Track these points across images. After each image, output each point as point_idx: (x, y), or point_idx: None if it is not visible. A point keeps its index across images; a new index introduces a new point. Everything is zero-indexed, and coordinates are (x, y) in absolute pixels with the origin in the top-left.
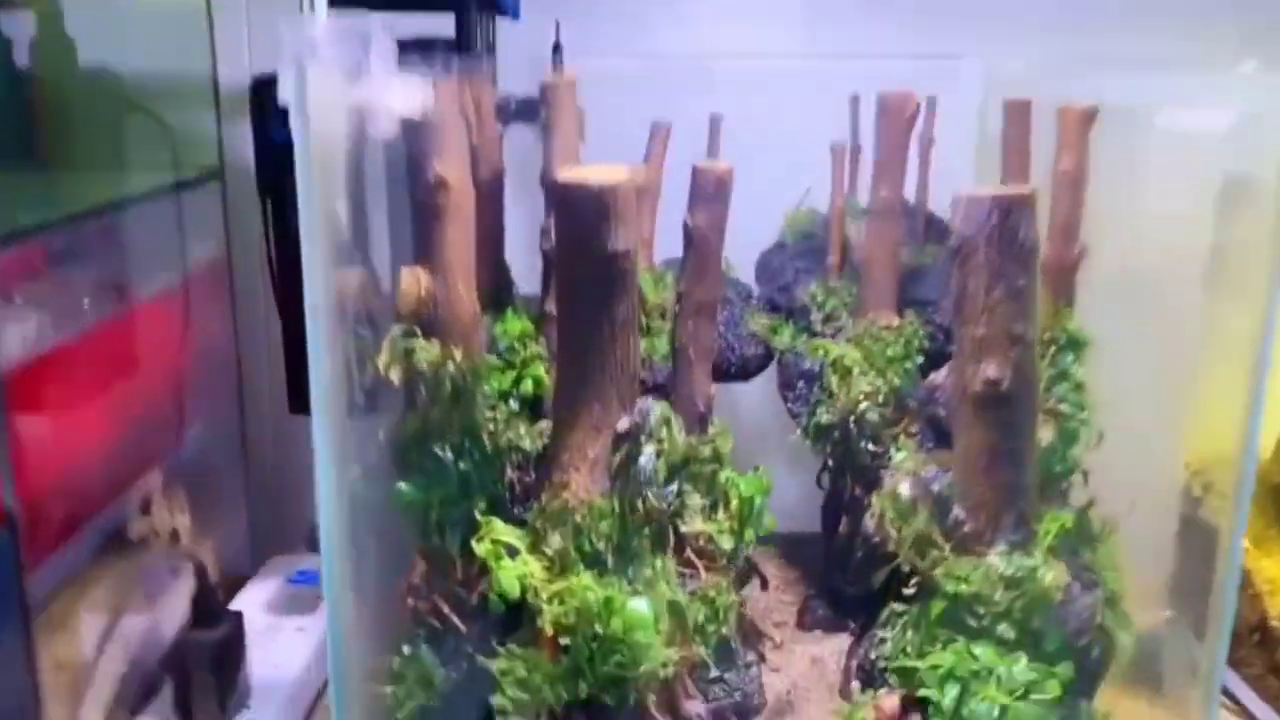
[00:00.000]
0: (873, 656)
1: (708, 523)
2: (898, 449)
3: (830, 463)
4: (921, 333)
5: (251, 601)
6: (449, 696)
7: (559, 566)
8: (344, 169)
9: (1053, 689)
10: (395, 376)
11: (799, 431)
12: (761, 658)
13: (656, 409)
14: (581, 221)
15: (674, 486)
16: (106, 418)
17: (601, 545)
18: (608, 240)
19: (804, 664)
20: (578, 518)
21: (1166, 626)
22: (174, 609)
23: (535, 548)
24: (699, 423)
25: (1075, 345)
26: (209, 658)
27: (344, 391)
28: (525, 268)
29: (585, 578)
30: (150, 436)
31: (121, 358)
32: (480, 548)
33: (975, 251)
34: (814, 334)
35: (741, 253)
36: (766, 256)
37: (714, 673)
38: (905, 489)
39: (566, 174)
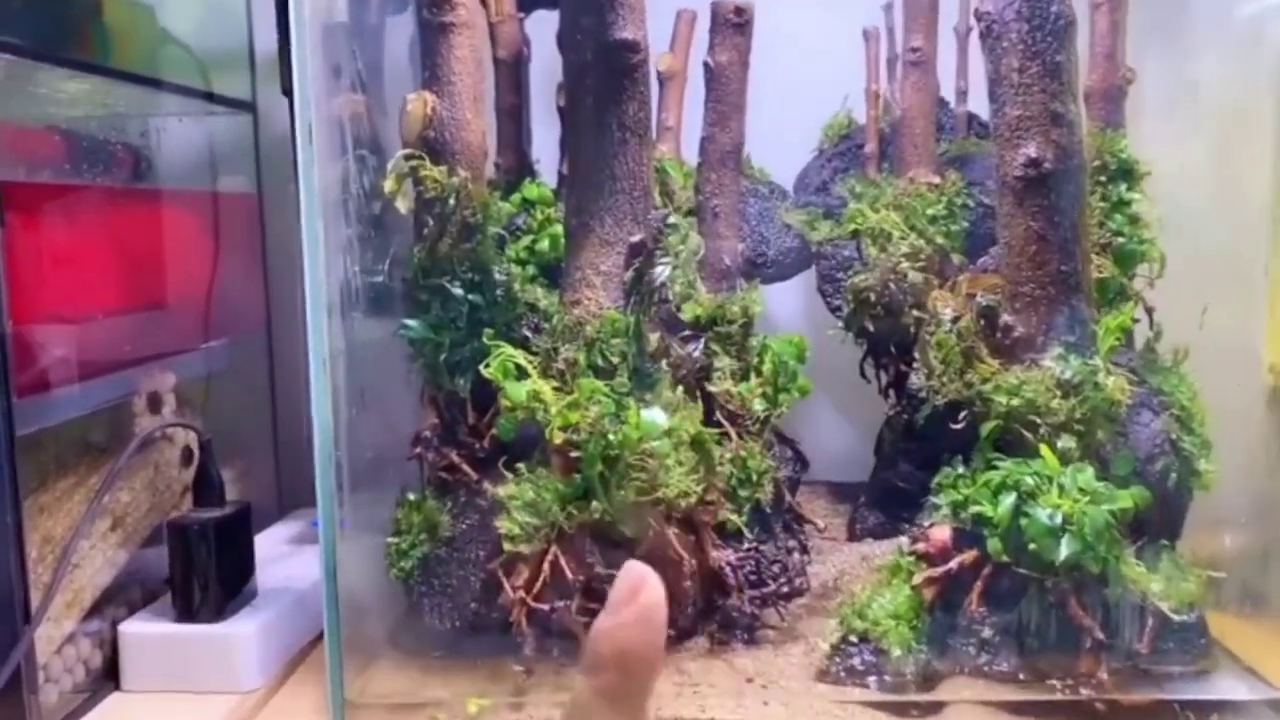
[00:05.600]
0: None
1: (738, 385)
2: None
3: (872, 345)
4: (965, 192)
5: (272, 538)
6: (457, 546)
7: (570, 379)
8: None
9: (1124, 500)
10: (402, 205)
11: (840, 325)
12: (804, 549)
13: (673, 220)
14: (588, 8)
15: (698, 344)
16: (115, 278)
17: (616, 360)
18: (615, 27)
19: (853, 560)
20: (589, 331)
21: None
22: (173, 487)
23: (546, 372)
24: (726, 280)
25: (1128, 173)
26: (211, 539)
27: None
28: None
29: (596, 383)
30: (162, 325)
31: (139, 231)
32: (489, 370)
33: (1006, 29)
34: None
35: (780, 172)
36: (804, 170)
37: (749, 543)
38: (948, 312)
39: None
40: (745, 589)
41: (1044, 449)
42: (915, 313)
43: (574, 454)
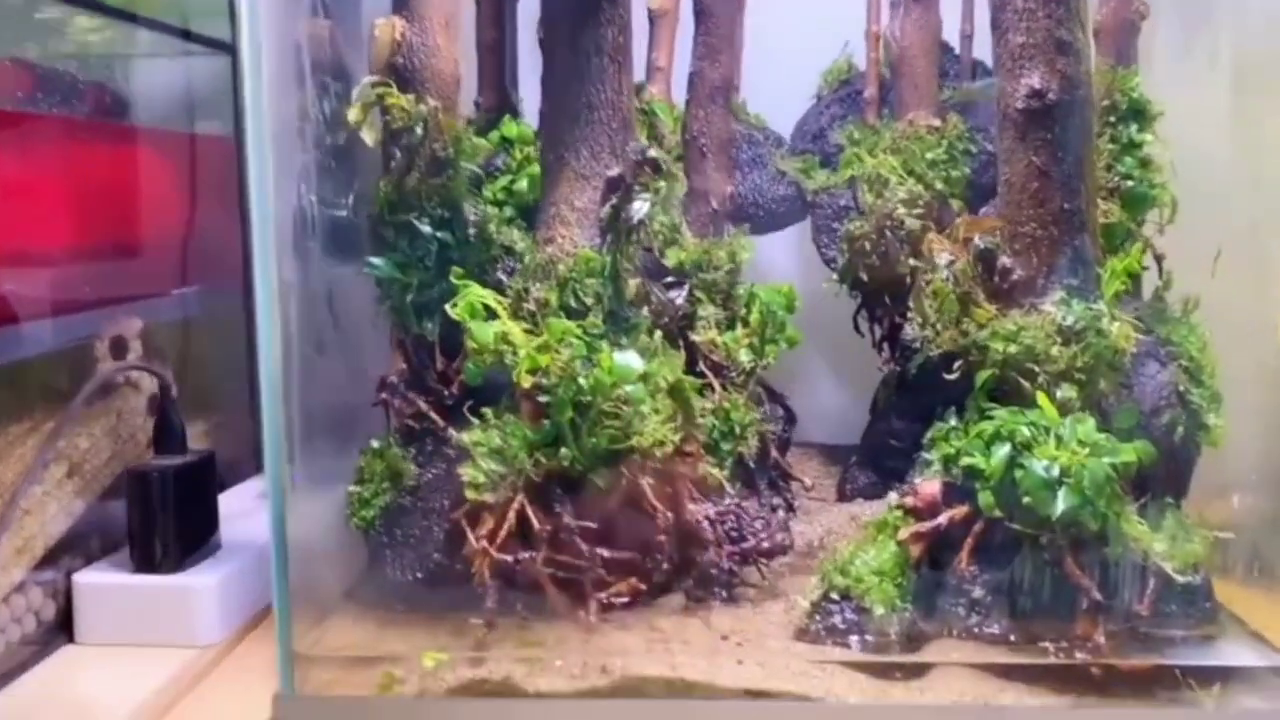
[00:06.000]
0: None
1: (723, 335)
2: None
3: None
4: (967, 136)
5: (246, 492)
6: (421, 495)
7: (541, 320)
8: None
9: (1127, 454)
10: (369, 136)
11: (834, 277)
12: (790, 506)
13: (653, 153)
14: None
15: (682, 291)
16: (78, 215)
17: (590, 302)
18: None
19: (842, 519)
20: (561, 270)
21: None
22: (137, 436)
23: (517, 313)
24: (713, 224)
25: (1139, 113)
26: (171, 488)
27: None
28: None
29: (567, 324)
30: (129, 268)
31: (107, 170)
32: (455, 310)
33: None
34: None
35: (781, 122)
36: (803, 118)
37: (730, 498)
38: (944, 256)
39: None
40: (725, 545)
41: (1042, 398)
42: (912, 261)
43: (543, 399)
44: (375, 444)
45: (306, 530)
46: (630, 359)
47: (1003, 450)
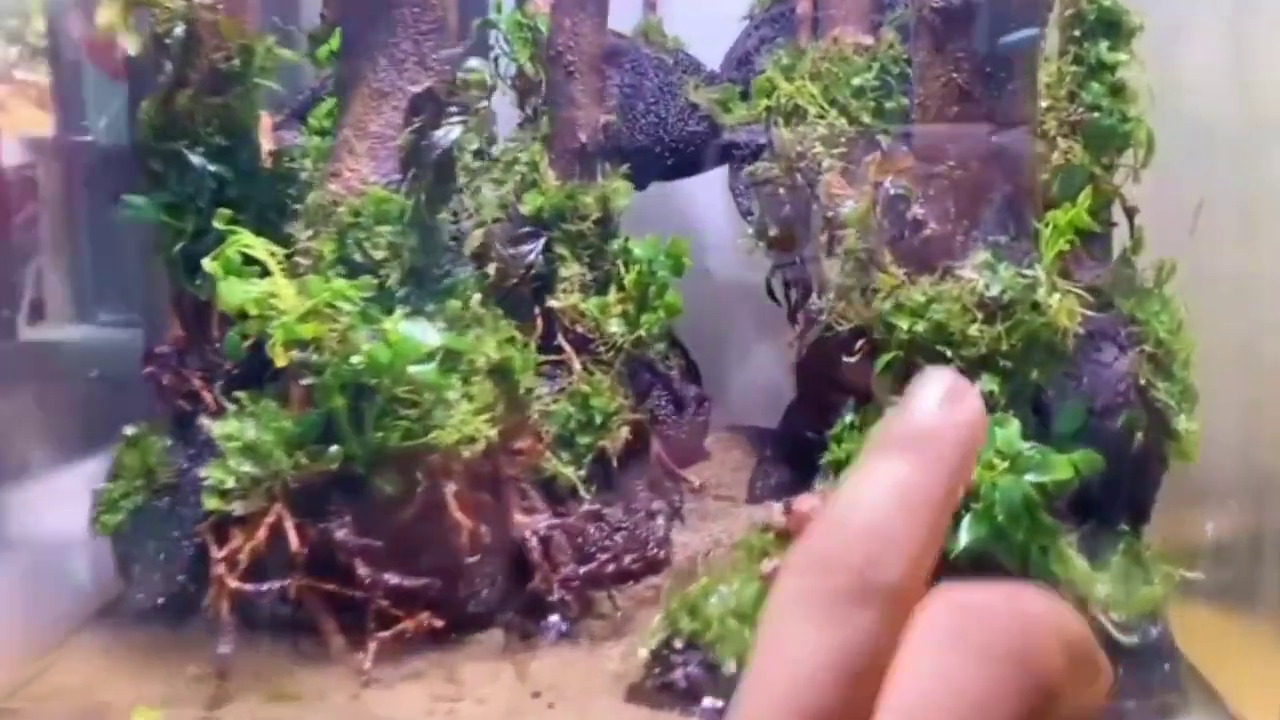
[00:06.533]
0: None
1: (588, 300)
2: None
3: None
4: (905, 59)
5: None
6: (179, 496)
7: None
8: None
9: (1060, 469)
10: (131, 44)
11: (750, 231)
12: (676, 512)
13: (473, 64)
14: None
15: (535, 244)
16: None
17: (382, 255)
18: None
19: (739, 526)
20: (344, 213)
21: None
22: None
23: (294, 271)
24: (581, 163)
25: (1112, 26)
26: None
27: None
28: None
29: (337, 285)
30: None
31: None
32: (211, 262)
33: None
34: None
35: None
36: (734, 44)
37: (588, 504)
38: (848, 204)
39: None
40: (563, 566)
41: None
42: (829, 214)
43: (307, 381)
44: (130, 431)
45: (49, 537)
46: (420, 331)
47: None
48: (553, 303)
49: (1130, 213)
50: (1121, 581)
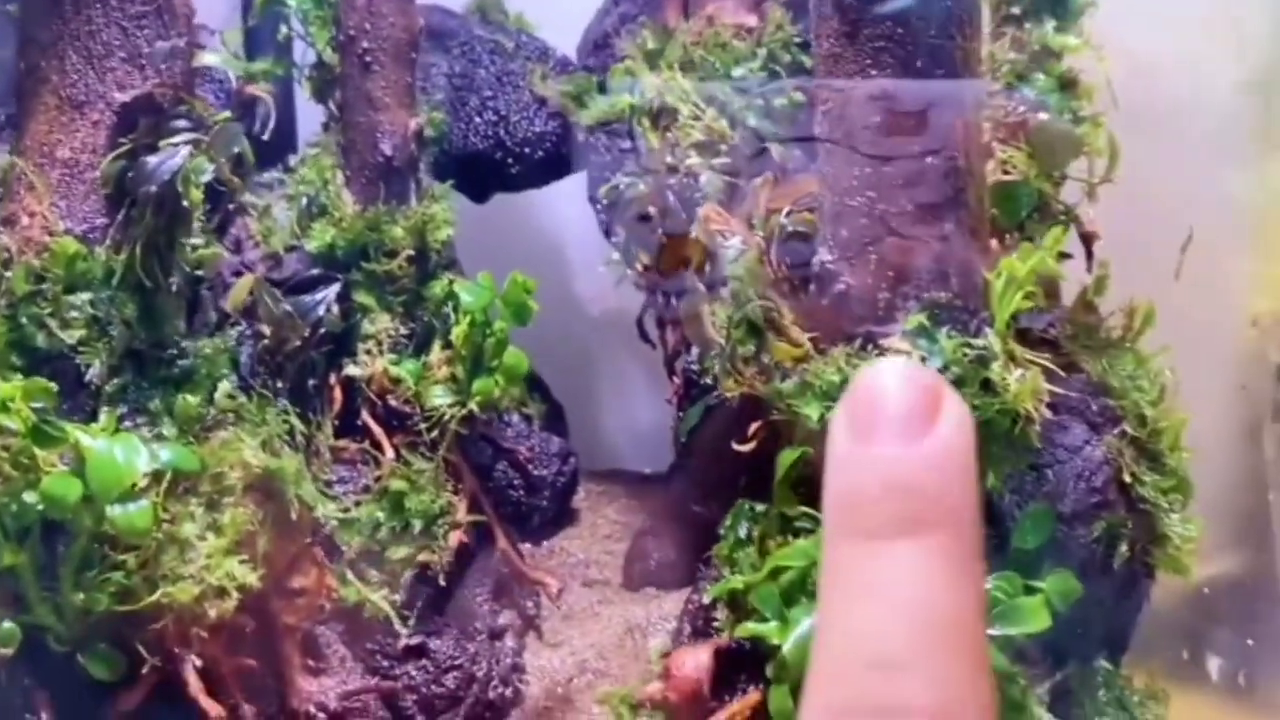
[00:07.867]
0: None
1: (401, 364)
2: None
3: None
4: (797, 43)
5: None
6: None
7: None
8: None
9: (1035, 617)
10: None
11: (615, 256)
12: (530, 624)
13: (210, 59)
14: None
15: (326, 292)
16: None
17: (77, 336)
18: None
19: (613, 635)
20: (17, 277)
21: None
22: None
23: None
24: (386, 182)
25: (1059, 4)
26: None
27: None
28: None
29: (3, 387)
30: None
31: None
32: None
33: None
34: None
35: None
36: (591, 23)
37: (407, 638)
38: (734, 242)
39: None
40: None
41: None
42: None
43: None
44: None
45: None
46: (124, 451)
47: (804, 619)
48: (353, 369)
49: (1088, 239)
50: None
